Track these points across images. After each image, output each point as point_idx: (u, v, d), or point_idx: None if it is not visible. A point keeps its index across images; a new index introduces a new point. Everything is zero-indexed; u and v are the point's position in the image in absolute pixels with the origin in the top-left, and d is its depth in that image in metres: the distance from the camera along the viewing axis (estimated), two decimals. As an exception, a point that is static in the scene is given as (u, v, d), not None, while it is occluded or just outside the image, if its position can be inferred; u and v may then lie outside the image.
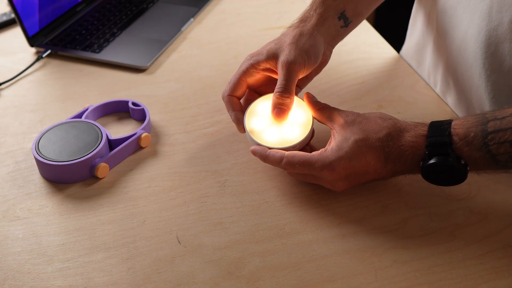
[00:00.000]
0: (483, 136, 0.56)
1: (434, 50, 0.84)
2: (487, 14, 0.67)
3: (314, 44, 0.69)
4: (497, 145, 0.55)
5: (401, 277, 0.58)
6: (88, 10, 1.08)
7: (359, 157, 0.61)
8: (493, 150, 0.56)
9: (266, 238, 0.62)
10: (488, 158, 0.56)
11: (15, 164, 0.73)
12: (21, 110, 0.84)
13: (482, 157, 0.56)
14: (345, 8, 0.73)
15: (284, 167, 0.64)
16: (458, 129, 0.58)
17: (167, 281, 0.58)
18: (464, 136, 0.57)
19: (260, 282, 0.57)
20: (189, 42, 1.01)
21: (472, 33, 0.70)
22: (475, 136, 0.56)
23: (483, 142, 0.56)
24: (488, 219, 0.63)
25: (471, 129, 0.57)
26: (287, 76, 0.67)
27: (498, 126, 0.56)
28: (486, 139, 0.56)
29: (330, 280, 0.58)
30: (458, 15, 0.73)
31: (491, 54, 0.68)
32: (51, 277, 0.59)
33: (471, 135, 0.57)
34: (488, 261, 0.59)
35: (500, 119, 0.56)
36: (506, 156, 0.55)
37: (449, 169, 0.58)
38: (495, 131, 0.55)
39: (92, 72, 0.93)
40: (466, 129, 0.57)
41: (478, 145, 0.56)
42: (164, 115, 0.81)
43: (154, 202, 0.67)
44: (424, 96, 0.84)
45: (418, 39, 0.90)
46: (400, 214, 0.64)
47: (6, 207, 0.67)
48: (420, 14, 0.89)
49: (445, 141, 0.58)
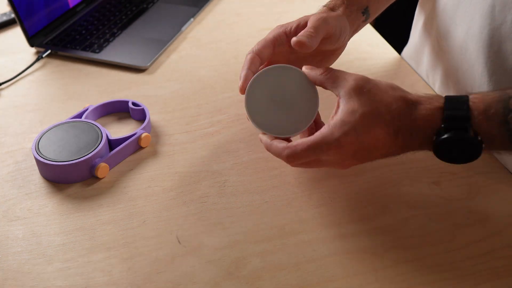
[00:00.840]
0: (504, 114, 0.52)
1: (434, 50, 0.84)
2: (489, 13, 0.67)
3: (343, 21, 0.68)
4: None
5: (401, 277, 0.58)
6: (88, 10, 1.08)
7: (367, 131, 0.56)
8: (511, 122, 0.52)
9: (266, 238, 0.62)
10: (507, 137, 0.53)
11: (15, 164, 0.73)
12: (21, 110, 0.84)
13: (500, 134, 0.53)
14: (368, 4, 0.72)
15: (287, 159, 0.60)
16: (478, 103, 0.54)
17: (167, 281, 0.58)
18: (483, 111, 0.53)
19: (260, 282, 0.57)
20: (189, 42, 1.01)
21: (474, 33, 0.70)
22: (496, 112, 0.53)
23: (504, 119, 0.52)
24: (488, 219, 0.63)
25: (492, 104, 0.54)
26: (316, 23, 0.65)
27: None
28: (507, 116, 0.52)
29: (330, 280, 0.58)
30: (460, 14, 0.73)
31: (493, 53, 0.68)
32: (51, 277, 0.59)
33: (492, 111, 0.53)
34: (488, 261, 0.59)
35: None
36: None
37: (464, 145, 0.54)
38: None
39: (92, 72, 0.93)
40: (487, 104, 0.54)
41: (498, 122, 0.53)
42: (164, 115, 0.81)
43: (154, 202, 0.67)
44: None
45: (419, 39, 0.90)
46: (400, 214, 0.64)
47: (6, 207, 0.67)
48: (421, 15, 0.89)
49: (464, 114, 0.54)
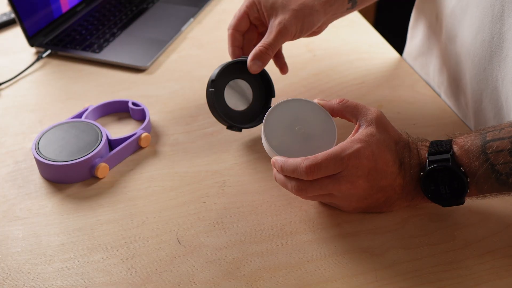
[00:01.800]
0: (482, 144, 0.56)
1: (441, 53, 0.83)
2: (499, 18, 0.67)
3: (312, 20, 0.72)
4: (496, 154, 0.55)
5: (401, 277, 0.58)
6: (88, 10, 1.08)
7: (381, 153, 0.59)
8: (492, 159, 0.55)
9: (266, 238, 0.62)
10: (488, 169, 0.56)
11: (15, 164, 0.73)
12: (21, 110, 0.84)
13: (481, 166, 0.56)
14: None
15: (306, 170, 0.58)
16: (458, 140, 0.59)
17: (167, 281, 0.58)
18: (463, 145, 0.58)
19: (260, 282, 0.57)
20: (189, 42, 1.01)
21: (483, 37, 0.70)
22: (473, 144, 0.57)
23: (481, 150, 0.56)
24: (488, 219, 0.63)
25: (470, 137, 0.58)
26: (277, 37, 0.70)
27: (496, 135, 0.56)
28: (484, 147, 0.56)
29: (330, 280, 0.58)
30: (468, 19, 0.73)
31: (503, 59, 0.67)
32: (51, 277, 0.59)
33: (469, 143, 0.57)
34: (488, 261, 0.59)
35: (499, 129, 0.57)
36: (507, 168, 0.55)
37: (450, 176, 0.57)
38: (493, 140, 0.56)
39: (92, 72, 0.93)
40: (465, 138, 0.58)
41: (477, 153, 0.56)
42: (164, 115, 0.81)
43: (154, 202, 0.67)
44: (424, 96, 0.84)
45: (423, 42, 0.89)
46: (400, 214, 0.64)
47: (6, 207, 0.67)
48: (423, 17, 0.88)
49: (446, 149, 0.58)
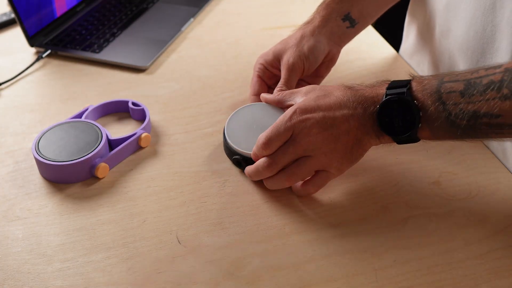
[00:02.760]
0: (438, 84, 0.57)
1: (436, 48, 0.84)
2: (491, 10, 0.67)
3: (314, 46, 0.76)
4: (448, 94, 0.56)
5: (401, 277, 0.58)
6: (88, 10, 1.08)
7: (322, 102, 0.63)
8: (444, 97, 0.56)
9: (266, 238, 0.62)
10: (439, 107, 0.57)
11: (15, 164, 0.73)
12: (21, 110, 0.84)
13: (433, 103, 0.57)
14: (350, 10, 0.78)
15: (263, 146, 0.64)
16: (418, 77, 0.61)
17: (167, 281, 0.58)
18: (420, 82, 0.59)
19: (260, 282, 0.57)
20: (189, 42, 1.01)
21: (476, 29, 0.71)
22: (430, 83, 0.58)
23: (436, 88, 0.57)
24: (488, 219, 0.63)
25: (429, 77, 0.60)
26: (287, 75, 0.75)
27: (453, 78, 0.57)
28: (439, 86, 0.57)
29: (330, 280, 0.58)
30: (461, 13, 0.73)
31: (495, 50, 0.68)
32: (51, 277, 0.59)
33: (426, 81, 0.59)
34: (488, 261, 0.59)
35: (457, 74, 0.58)
36: (457, 109, 0.55)
37: (403, 108, 0.58)
38: (449, 81, 0.57)
39: (92, 72, 0.93)
40: (425, 77, 0.60)
41: (432, 91, 0.57)
42: (164, 115, 0.81)
43: (154, 202, 0.67)
44: (424, 96, 0.84)
45: (418, 38, 0.89)
46: (400, 214, 0.64)
47: (6, 207, 0.67)
48: (416, 15, 0.89)
49: (404, 84, 0.60)
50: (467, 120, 0.55)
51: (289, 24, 1.04)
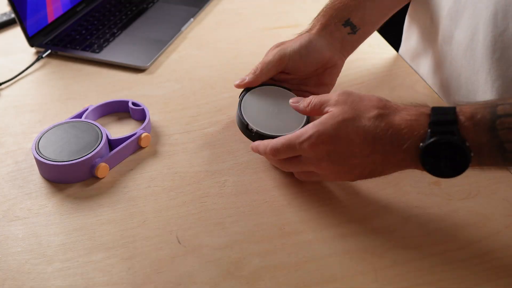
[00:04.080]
0: (492, 119, 0.51)
1: (435, 55, 0.83)
2: (492, 20, 0.67)
3: (309, 41, 0.74)
4: (507, 131, 0.50)
5: (401, 277, 0.58)
6: (88, 10, 1.08)
7: (342, 133, 0.57)
8: (501, 136, 0.51)
9: (266, 238, 0.62)
10: (495, 145, 0.51)
11: (15, 164, 0.73)
12: (21, 110, 0.84)
13: (488, 142, 0.51)
14: (350, 16, 0.76)
15: (271, 153, 0.64)
16: (465, 109, 0.53)
17: (167, 281, 0.58)
18: (471, 116, 0.52)
19: (260, 282, 0.57)
20: (189, 42, 1.01)
21: (478, 39, 0.70)
22: (483, 117, 0.52)
23: (491, 125, 0.51)
24: (488, 219, 0.63)
25: (479, 109, 0.52)
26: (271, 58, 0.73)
27: (508, 110, 0.51)
28: (495, 122, 0.51)
29: (330, 280, 0.58)
30: (463, 21, 0.73)
31: (496, 60, 0.67)
32: (51, 277, 0.59)
33: (479, 116, 0.52)
34: (488, 261, 0.59)
35: (510, 104, 0.52)
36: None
37: (452, 150, 0.52)
38: (504, 115, 0.51)
39: (92, 72, 0.93)
40: (474, 109, 0.53)
41: (486, 127, 0.51)
42: (164, 115, 0.81)
43: (154, 202, 0.67)
44: (424, 96, 0.84)
45: (418, 43, 0.89)
46: (400, 214, 0.64)
47: (6, 207, 0.67)
48: (417, 19, 0.88)
49: (451, 118, 0.52)
50: None
51: (289, 24, 1.04)
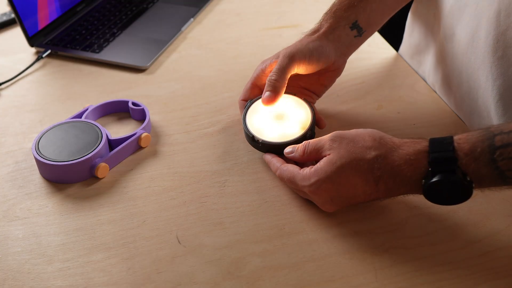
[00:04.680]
0: (491, 152, 0.52)
1: (437, 51, 0.83)
2: (495, 19, 0.66)
3: (319, 46, 0.72)
4: (507, 161, 0.52)
5: (401, 277, 0.58)
6: (88, 10, 1.08)
7: (344, 180, 0.59)
8: (502, 166, 0.52)
9: (266, 238, 0.62)
10: (496, 175, 0.53)
11: (15, 164, 0.73)
12: (21, 110, 0.84)
13: (489, 173, 0.53)
14: (357, 18, 0.75)
15: (278, 177, 0.66)
16: (463, 144, 0.54)
17: (167, 281, 0.58)
18: (470, 152, 0.53)
19: (260, 282, 0.57)
20: (189, 42, 1.01)
21: (480, 36, 0.70)
22: (482, 151, 0.53)
23: (491, 157, 0.52)
24: (488, 219, 0.63)
25: (477, 144, 0.53)
26: (283, 63, 0.70)
27: (506, 140, 0.52)
28: (494, 154, 0.52)
29: (330, 280, 0.58)
30: (466, 18, 0.73)
31: (498, 58, 0.67)
32: (51, 277, 0.59)
33: (478, 150, 0.53)
34: (488, 261, 0.59)
35: (507, 133, 0.52)
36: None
37: (454, 187, 0.54)
38: (503, 146, 0.52)
39: (92, 72, 0.93)
40: (472, 144, 0.54)
41: (486, 161, 0.52)
42: (164, 115, 0.81)
43: (154, 202, 0.67)
44: (424, 96, 0.84)
45: (420, 40, 0.89)
46: (400, 214, 0.64)
47: (6, 207, 0.67)
48: (420, 15, 0.88)
49: (450, 156, 0.54)
50: None
51: (289, 24, 1.04)
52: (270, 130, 0.71)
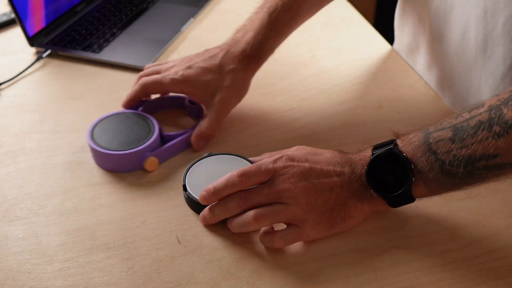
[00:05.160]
0: (424, 136, 0.56)
1: (428, 52, 0.84)
2: (483, 18, 0.67)
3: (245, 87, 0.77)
4: (437, 143, 0.55)
5: (401, 277, 0.58)
6: (88, 10, 1.08)
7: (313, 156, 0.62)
8: (434, 147, 0.55)
9: (266, 238, 0.62)
10: (431, 158, 0.55)
11: (15, 164, 0.73)
12: (21, 110, 0.84)
13: (423, 154, 0.55)
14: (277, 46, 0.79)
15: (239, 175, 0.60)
16: (401, 136, 0.59)
17: (167, 281, 0.58)
18: (405, 137, 0.58)
19: (260, 282, 0.57)
20: (189, 42, 1.01)
21: (469, 37, 0.70)
22: (416, 136, 0.57)
23: (424, 140, 0.56)
24: (488, 219, 0.63)
25: (413, 132, 0.58)
26: (221, 113, 0.74)
27: (438, 127, 0.56)
28: (427, 137, 0.56)
29: (330, 280, 0.58)
30: (453, 19, 0.73)
31: (487, 58, 0.68)
32: (51, 277, 0.59)
33: (411, 135, 0.58)
34: (488, 261, 0.59)
35: (440, 122, 0.56)
36: (450, 156, 0.53)
37: (393, 160, 0.57)
38: (435, 131, 0.56)
39: (92, 72, 0.93)
40: (408, 134, 0.59)
41: (420, 144, 0.56)
42: (164, 115, 0.81)
43: (154, 202, 0.67)
44: (424, 96, 0.84)
45: (410, 41, 0.89)
46: (400, 214, 0.64)
47: (6, 207, 0.67)
48: (408, 15, 0.89)
49: (388, 142, 0.59)
50: (463, 166, 0.53)
51: (289, 24, 1.04)
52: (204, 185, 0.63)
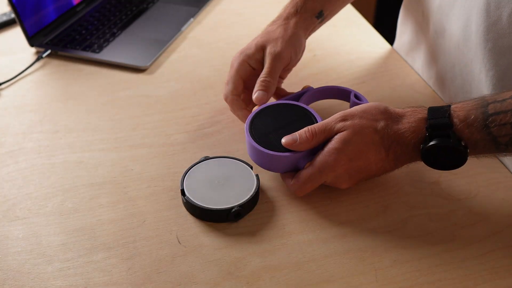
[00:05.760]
0: (484, 118, 0.56)
1: (429, 47, 0.84)
2: (485, 10, 0.67)
3: (298, 40, 0.75)
4: (498, 127, 0.55)
5: (401, 277, 0.58)
6: (88, 10, 1.08)
7: (358, 154, 0.61)
8: (494, 132, 0.55)
9: (266, 238, 0.62)
10: (489, 140, 0.56)
11: (15, 164, 0.73)
12: (21, 110, 0.84)
13: (482, 139, 0.56)
14: (323, 8, 0.78)
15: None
16: (459, 111, 0.58)
17: (167, 281, 0.58)
18: (464, 118, 0.57)
19: (260, 282, 0.57)
20: (189, 42, 1.01)
21: (471, 30, 0.71)
22: (476, 118, 0.56)
23: (484, 124, 0.56)
24: (488, 219, 0.63)
25: (472, 111, 0.57)
26: (272, 64, 0.73)
27: (498, 108, 0.55)
28: (487, 121, 0.56)
29: (330, 280, 0.58)
30: (456, 12, 0.74)
31: (489, 50, 0.68)
32: (51, 277, 0.59)
33: (472, 117, 0.57)
34: (488, 261, 0.59)
35: (501, 101, 0.56)
36: (507, 138, 0.55)
37: (449, 151, 0.57)
38: (496, 113, 0.55)
39: (92, 72, 0.93)
40: (467, 111, 0.57)
41: (479, 127, 0.56)
42: (164, 115, 0.81)
43: (154, 202, 0.67)
44: (424, 95, 0.84)
45: (411, 37, 0.90)
46: (400, 214, 0.64)
47: (6, 207, 0.67)
48: (411, 13, 0.89)
49: (446, 122, 0.57)
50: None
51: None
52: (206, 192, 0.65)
